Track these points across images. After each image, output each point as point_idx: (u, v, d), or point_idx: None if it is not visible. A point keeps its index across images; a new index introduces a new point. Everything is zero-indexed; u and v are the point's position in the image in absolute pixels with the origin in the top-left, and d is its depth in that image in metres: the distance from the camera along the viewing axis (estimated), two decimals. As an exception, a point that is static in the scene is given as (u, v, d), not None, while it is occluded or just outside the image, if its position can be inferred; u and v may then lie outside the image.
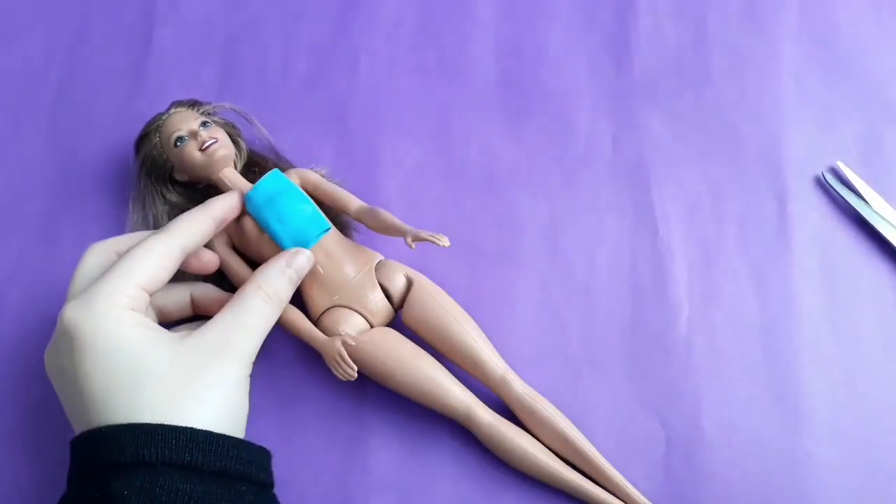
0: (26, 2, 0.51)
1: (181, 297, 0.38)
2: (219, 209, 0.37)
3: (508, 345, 0.41)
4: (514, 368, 0.40)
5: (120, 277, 0.30)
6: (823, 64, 0.48)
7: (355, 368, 0.37)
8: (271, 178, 0.39)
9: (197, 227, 0.35)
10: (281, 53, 0.49)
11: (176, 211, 0.42)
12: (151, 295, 0.32)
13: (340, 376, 0.37)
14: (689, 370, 0.41)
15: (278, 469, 0.33)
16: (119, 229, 0.45)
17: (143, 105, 0.48)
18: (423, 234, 0.37)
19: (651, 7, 0.50)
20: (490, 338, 0.40)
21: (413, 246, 0.37)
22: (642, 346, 0.41)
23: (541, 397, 0.38)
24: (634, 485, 0.38)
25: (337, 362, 0.37)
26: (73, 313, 0.29)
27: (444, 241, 0.37)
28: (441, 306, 0.39)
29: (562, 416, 0.38)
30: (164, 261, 0.32)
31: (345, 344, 0.37)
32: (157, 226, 0.42)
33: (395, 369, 0.37)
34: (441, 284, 0.40)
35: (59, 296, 0.43)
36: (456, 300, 0.40)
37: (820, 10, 0.50)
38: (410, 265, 0.40)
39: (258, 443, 0.31)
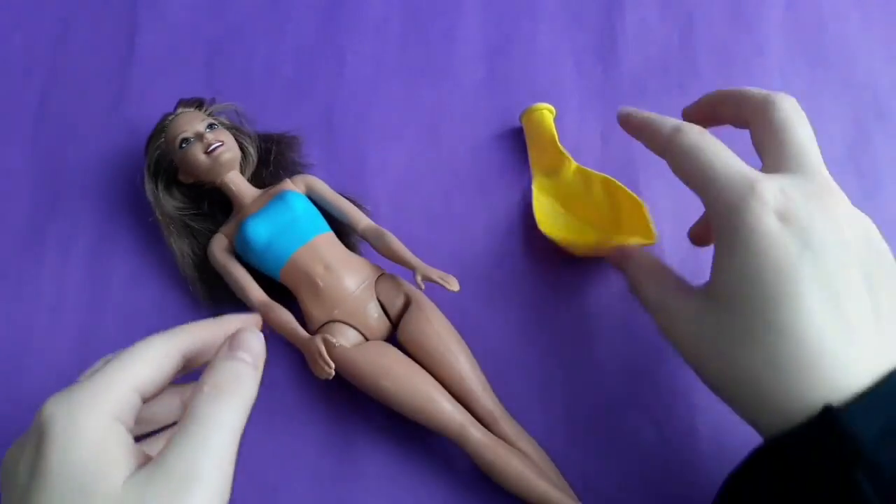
0: (7, 8, 0.51)
1: (171, 404, 0.33)
2: (234, 329, 0.30)
3: (500, 345, 0.41)
4: (506, 371, 0.40)
5: (112, 377, 0.25)
6: (810, 60, 0.48)
7: (332, 366, 0.36)
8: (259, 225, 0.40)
9: (203, 336, 0.29)
10: (266, 56, 0.49)
11: (180, 213, 0.42)
12: (145, 401, 0.27)
13: (318, 374, 0.37)
14: (683, 369, 0.40)
15: (270, 475, 0.33)
16: (105, 237, 0.44)
17: (127, 111, 0.47)
18: (433, 274, 0.37)
19: (637, 4, 0.50)
20: (484, 341, 0.39)
21: (422, 285, 0.38)
22: (636, 346, 0.41)
23: (528, 437, 0.38)
24: (630, 484, 0.37)
25: (315, 360, 0.37)
26: (51, 408, 0.24)
27: (454, 286, 0.37)
28: (435, 332, 0.38)
29: (545, 460, 0.37)
30: (162, 364, 0.27)
31: (329, 345, 0.37)
32: (162, 228, 0.42)
33: (387, 383, 0.37)
34: (432, 288, 0.40)
35: (43, 305, 0.42)
36: (447, 305, 0.39)
37: (806, 6, 0.50)
38: (407, 275, 0.40)
39: (249, 448, 0.31)
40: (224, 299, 0.41)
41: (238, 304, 0.41)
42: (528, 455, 0.37)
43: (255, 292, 0.40)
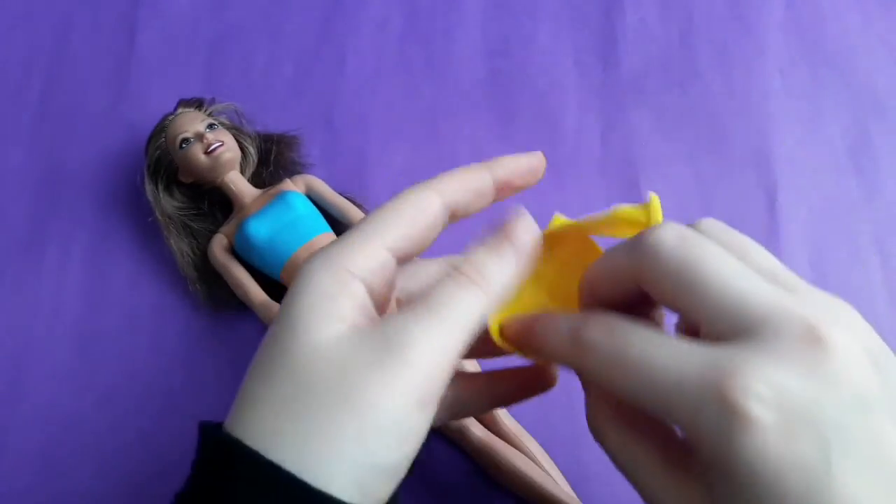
0: (6, 8, 0.51)
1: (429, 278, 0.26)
2: (506, 176, 0.26)
3: (500, 345, 0.41)
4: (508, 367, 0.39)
5: (362, 236, 0.23)
6: (810, 58, 0.48)
7: None
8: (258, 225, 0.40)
9: (472, 185, 0.25)
10: (266, 55, 0.49)
11: (180, 212, 0.42)
12: (401, 261, 0.24)
13: None
14: (682, 368, 0.41)
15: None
16: (105, 236, 0.44)
17: (127, 110, 0.47)
18: None
19: (638, 4, 0.50)
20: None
21: None
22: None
23: (528, 436, 0.38)
24: (628, 484, 0.37)
25: None
26: (311, 264, 0.22)
27: None
28: None
29: (546, 459, 0.37)
30: (422, 218, 0.24)
31: None
32: (162, 228, 0.42)
33: None
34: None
35: (42, 304, 0.42)
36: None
37: (806, 6, 0.50)
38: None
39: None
40: (224, 299, 0.41)
41: (238, 304, 0.41)
42: (530, 454, 0.37)
43: (256, 292, 0.40)
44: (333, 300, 0.21)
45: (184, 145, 0.40)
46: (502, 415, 0.38)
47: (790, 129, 0.47)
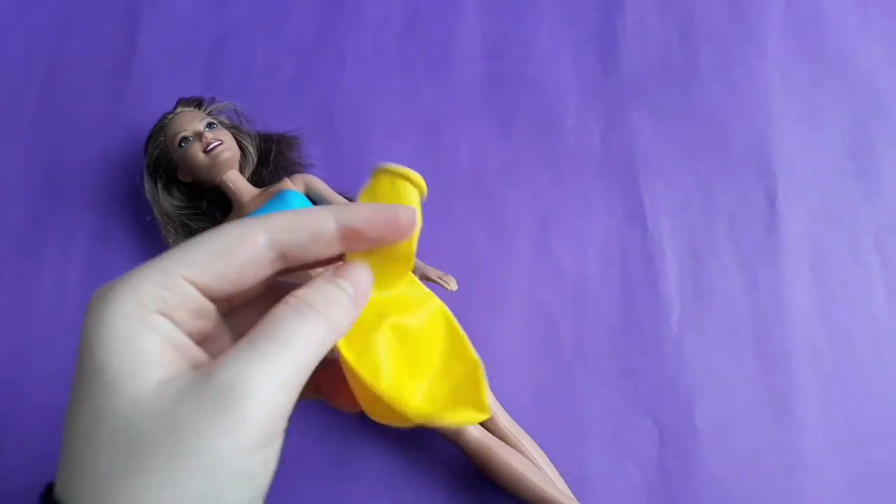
0: (7, 7, 0.51)
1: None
2: (358, 218, 0.22)
3: (500, 345, 0.41)
4: (506, 370, 0.40)
5: (160, 264, 0.20)
6: (810, 59, 0.48)
7: None
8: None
9: (307, 227, 0.22)
10: (266, 55, 0.49)
11: (179, 211, 0.42)
12: (216, 299, 0.21)
13: None
14: (682, 368, 0.41)
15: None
16: (104, 236, 0.44)
17: (127, 110, 0.47)
18: (432, 273, 0.38)
19: (637, 4, 0.50)
20: (481, 339, 0.39)
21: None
22: (634, 345, 0.41)
23: (525, 435, 0.38)
24: (629, 483, 0.37)
25: None
26: (92, 301, 0.20)
27: (452, 285, 0.38)
28: None
29: (543, 459, 0.37)
30: (238, 254, 0.21)
31: None
32: (161, 227, 0.42)
33: None
34: (431, 287, 0.40)
35: (42, 304, 0.42)
36: (446, 301, 0.39)
37: (806, 6, 0.50)
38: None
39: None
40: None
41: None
42: (527, 454, 0.37)
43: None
44: (135, 341, 0.19)
45: (183, 144, 0.40)
46: (500, 415, 0.38)
47: (790, 129, 0.46)
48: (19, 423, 0.40)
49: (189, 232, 0.42)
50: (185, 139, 0.40)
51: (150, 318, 0.19)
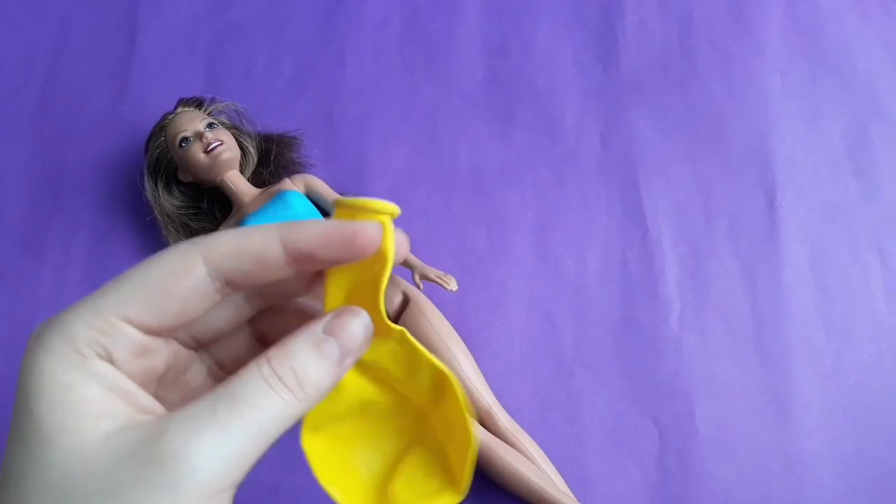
0: (6, 8, 0.51)
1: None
2: (306, 237, 0.20)
3: (500, 346, 0.41)
4: (506, 370, 0.40)
5: (93, 302, 0.19)
6: (809, 59, 0.48)
7: None
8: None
9: (247, 249, 0.19)
10: (266, 56, 0.49)
11: (179, 211, 0.42)
12: (156, 333, 0.19)
13: None
14: (681, 368, 0.41)
15: (272, 474, 0.33)
16: (105, 236, 0.44)
17: (127, 110, 0.47)
18: (432, 274, 0.38)
19: (637, 4, 0.50)
20: (481, 339, 0.39)
21: (420, 285, 0.38)
22: (634, 345, 0.41)
23: (525, 435, 0.38)
24: (629, 483, 0.37)
25: None
26: (34, 345, 0.19)
27: (453, 285, 0.38)
28: (433, 330, 0.38)
29: (543, 459, 0.37)
30: (177, 286, 0.19)
31: None
32: (161, 227, 0.42)
33: None
34: (431, 287, 0.40)
35: (43, 304, 0.42)
36: (445, 303, 0.40)
37: (806, 6, 0.50)
38: (405, 274, 0.40)
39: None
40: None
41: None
42: (527, 454, 0.37)
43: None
44: (73, 391, 0.17)
45: (183, 144, 0.41)
46: (500, 415, 0.38)
47: (790, 129, 0.47)
48: None
49: (189, 232, 0.42)
50: (185, 139, 0.41)
51: (87, 364, 0.18)
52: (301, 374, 0.19)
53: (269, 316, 0.23)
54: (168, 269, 0.19)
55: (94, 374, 0.18)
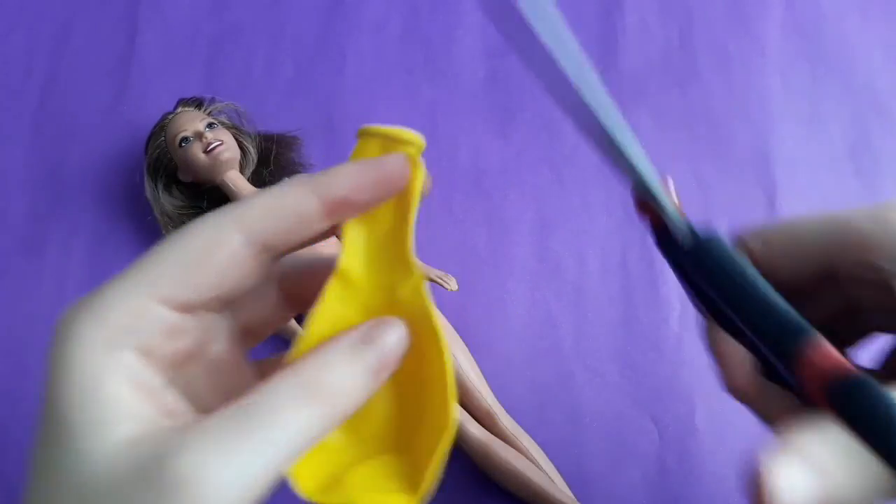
0: (7, 7, 0.51)
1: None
2: (341, 183, 0.19)
3: (500, 346, 0.41)
4: (506, 370, 0.40)
5: (122, 284, 0.18)
6: (810, 58, 0.48)
7: None
8: None
9: (284, 208, 0.19)
10: (266, 55, 0.49)
11: (179, 211, 0.42)
12: (188, 310, 0.18)
13: None
14: (682, 368, 0.41)
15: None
16: (105, 236, 0.44)
17: (127, 110, 0.47)
18: (432, 273, 0.38)
19: (637, 4, 0.50)
20: (481, 339, 0.39)
21: None
22: (634, 345, 0.41)
23: (525, 435, 0.38)
24: (629, 482, 0.37)
25: None
26: (63, 335, 0.17)
27: (452, 285, 0.38)
28: None
29: (543, 459, 0.37)
30: (212, 260, 0.18)
31: None
32: (161, 227, 0.42)
33: None
34: (431, 287, 0.40)
35: (43, 304, 0.42)
36: (446, 303, 0.39)
37: (806, 6, 0.50)
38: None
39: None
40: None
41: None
42: (527, 453, 0.37)
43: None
44: (102, 387, 0.16)
45: (183, 144, 0.41)
46: (500, 414, 0.38)
47: (790, 129, 0.47)
48: (19, 423, 0.40)
49: None
50: (185, 139, 0.41)
51: (118, 356, 0.17)
52: (338, 385, 0.17)
53: (296, 272, 0.22)
54: (202, 242, 0.18)
55: (124, 367, 0.17)
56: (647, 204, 0.21)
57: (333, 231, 0.20)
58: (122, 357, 0.17)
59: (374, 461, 0.20)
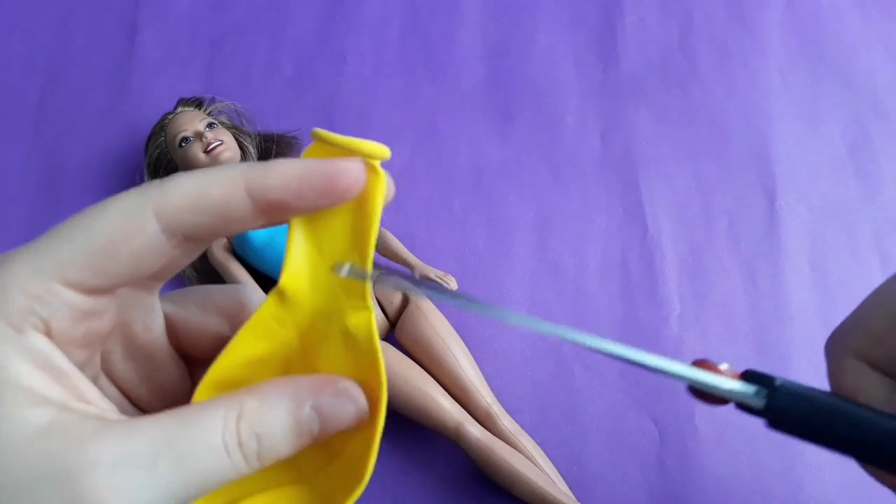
0: (7, 7, 0.51)
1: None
2: (275, 184, 0.17)
3: (500, 346, 0.41)
4: (505, 370, 0.40)
5: (34, 262, 0.16)
6: (810, 59, 0.48)
7: None
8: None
9: (206, 202, 0.16)
10: (266, 56, 0.49)
11: None
12: (100, 294, 0.17)
13: None
14: (681, 368, 0.41)
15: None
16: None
17: (127, 110, 0.47)
18: (432, 273, 0.38)
19: (637, 4, 0.50)
20: (481, 339, 0.39)
21: None
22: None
23: (525, 435, 0.38)
24: (629, 483, 0.37)
25: None
26: None
27: (453, 285, 0.38)
28: (434, 330, 0.38)
29: (543, 459, 0.37)
30: (125, 239, 0.16)
31: None
32: None
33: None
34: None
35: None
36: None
37: (806, 6, 0.50)
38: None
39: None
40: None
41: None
42: (527, 453, 0.37)
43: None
44: (4, 370, 0.15)
45: (183, 144, 0.41)
46: (500, 414, 0.38)
47: (790, 129, 0.46)
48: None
49: None
50: (185, 139, 0.41)
51: (21, 339, 0.16)
52: (267, 446, 0.16)
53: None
54: (115, 228, 0.16)
55: (28, 350, 0.16)
56: (703, 393, 0.19)
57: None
58: (27, 339, 0.16)
59: (275, 491, 0.18)
